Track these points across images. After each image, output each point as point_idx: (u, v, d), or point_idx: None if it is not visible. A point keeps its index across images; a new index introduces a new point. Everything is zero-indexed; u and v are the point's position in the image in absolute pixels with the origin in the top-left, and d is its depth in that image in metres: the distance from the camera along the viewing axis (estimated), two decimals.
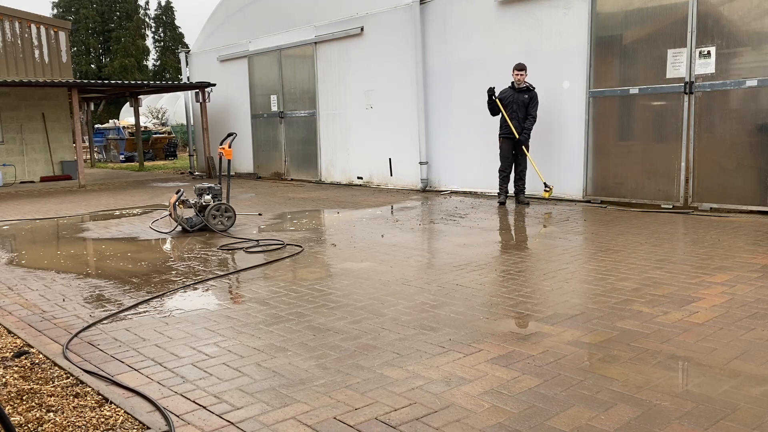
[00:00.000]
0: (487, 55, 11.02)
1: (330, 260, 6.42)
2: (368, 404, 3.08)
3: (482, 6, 11.00)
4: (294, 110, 15.27)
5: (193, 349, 3.93)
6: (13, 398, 3.22)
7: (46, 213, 10.90)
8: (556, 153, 10.21)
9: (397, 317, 4.43)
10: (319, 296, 5.05)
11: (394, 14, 12.50)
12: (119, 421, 2.96)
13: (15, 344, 4.10)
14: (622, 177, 9.53)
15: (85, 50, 53.93)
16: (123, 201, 12.38)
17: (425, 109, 12.12)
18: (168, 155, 26.45)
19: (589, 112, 9.77)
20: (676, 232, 7.40)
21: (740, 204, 8.37)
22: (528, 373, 3.38)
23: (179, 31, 57.32)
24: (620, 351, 3.67)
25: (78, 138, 16.15)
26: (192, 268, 6.27)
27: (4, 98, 16.85)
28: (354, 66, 13.49)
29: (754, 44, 8.18)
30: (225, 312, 4.73)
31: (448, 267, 5.91)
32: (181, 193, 8.31)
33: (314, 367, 3.58)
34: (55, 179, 17.60)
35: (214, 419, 2.99)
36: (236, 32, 16.67)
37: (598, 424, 2.80)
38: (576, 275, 5.47)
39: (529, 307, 4.57)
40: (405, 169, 12.70)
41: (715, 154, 8.60)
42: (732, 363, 3.44)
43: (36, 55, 17.64)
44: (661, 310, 4.41)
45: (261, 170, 16.49)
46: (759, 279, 5.13)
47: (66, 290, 5.54)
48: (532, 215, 8.85)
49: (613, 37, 9.48)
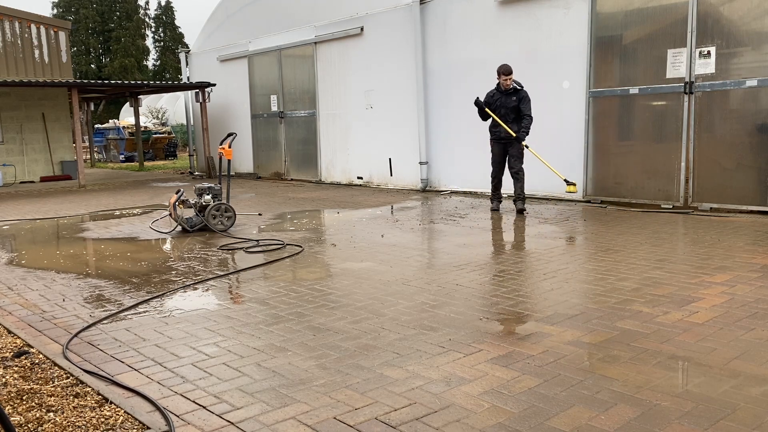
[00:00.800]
0: (487, 55, 11.02)
1: (330, 260, 6.42)
2: (368, 404, 3.08)
3: (482, 6, 11.00)
4: (294, 110, 15.27)
5: (193, 349, 3.93)
6: (13, 398, 3.22)
7: (46, 213, 10.90)
8: (556, 153, 10.19)
9: (397, 317, 4.43)
10: (319, 296, 5.05)
11: (394, 14, 12.50)
12: (119, 421, 2.96)
13: (15, 344, 4.10)
14: (622, 177, 9.53)
15: (85, 50, 53.93)
16: (123, 201, 12.38)
17: (425, 109, 12.12)
18: (168, 155, 26.45)
19: (589, 112, 9.77)
20: (676, 232, 7.40)
21: (740, 204, 8.38)
22: (528, 373, 3.38)
23: (179, 31, 57.33)
24: (620, 351, 3.67)
25: (78, 138, 16.15)
26: (192, 268, 6.27)
27: (4, 98, 16.85)
28: (354, 66, 13.49)
29: (754, 44, 8.18)
30: (225, 312, 4.73)
31: (448, 267, 5.91)
32: (181, 193, 8.31)
33: (314, 367, 3.57)
34: (55, 179, 17.59)
35: (214, 419, 2.99)
36: (236, 32, 16.67)
37: (598, 424, 2.80)
38: (576, 275, 5.47)
39: (529, 307, 4.57)
40: (405, 169, 12.70)
41: (715, 154, 8.61)
42: (732, 363, 3.44)
43: (36, 55, 17.64)
44: (661, 310, 4.41)
45: (261, 170, 16.49)
46: (759, 279, 5.13)
47: (66, 290, 5.54)
48: (532, 215, 8.84)
49: (613, 37, 9.48)
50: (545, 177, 10.02)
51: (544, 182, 10.38)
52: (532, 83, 10.45)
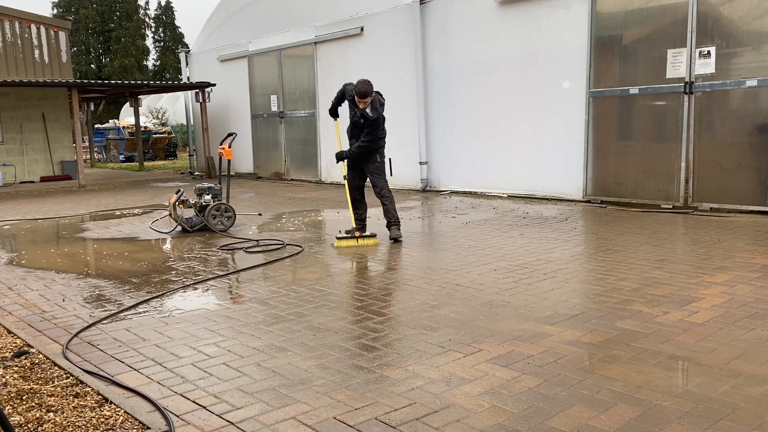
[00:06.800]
0: (487, 55, 11.02)
1: (330, 260, 6.41)
2: (368, 404, 3.08)
3: (482, 6, 11.00)
4: (294, 110, 15.26)
5: (193, 349, 3.93)
6: (13, 398, 3.22)
7: (46, 213, 10.90)
8: (556, 153, 10.21)
9: (397, 317, 4.43)
10: (319, 296, 5.05)
11: (394, 14, 12.49)
12: (119, 421, 2.96)
13: (15, 344, 4.10)
14: (622, 177, 9.53)
15: (85, 50, 53.92)
16: (123, 201, 12.38)
17: (425, 109, 12.12)
18: (168, 155, 26.44)
19: (589, 112, 9.76)
20: (676, 232, 7.40)
21: (740, 204, 8.37)
22: (528, 373, 3.38)
23: (179, 31, 57.30)
24: (620, 351, 3.66)
25: (78, 138, 16.14)
26: (192, 268, 6.27)
27: (4, 98, 16.84)
28: (354, 66, 13.47)
29: (754, 44, 8.18)
30: (225, 312, 4.73)
31: (448, 267, 5.91)
32: (181, 193, 8.31)
33: (314, 367, 3.57)
34: (55, 179, 17.59)
35: (214, 419, 2.99)
36: (236, 32, 16.67)
37: (598, 424, 2.80)
38: (576, 275, 5.47)
39: (529, 307, 4.57)
40: (405, 169, 12.69)
41: (715, 154, 8.60)
42: (732, 363, 3.44)
43: (36, 55, 17.64)
44: (661, 310, 4.41)
45: (261, 170, 16.48)
46: (759, 279, 5.13)
47: (66, 290, 5.54)
48: (532, 215, 8.84)
49: (613, 37, 9.48)
50: (545, 177, 10.04)
51: (544, 182, 10.39)
52: (532, 83, 10.47)
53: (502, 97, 10.89)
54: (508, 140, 10.89)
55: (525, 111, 10.58)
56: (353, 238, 7.07)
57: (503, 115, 10.91)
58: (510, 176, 10.89)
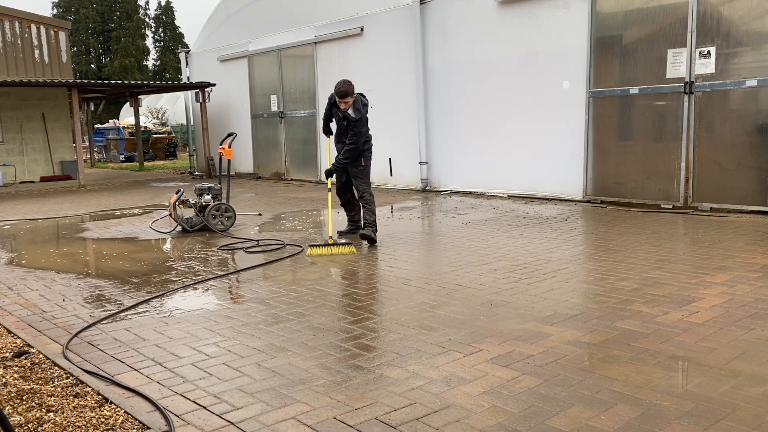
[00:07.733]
0: (487, 55, 11.02)
1: (330, 260, 6.41)
2: (368, 404, 3.08)
3: (482, 6, 11.00)
4: (294, 110, 15.26)
5: (193, 349, 3.93)
6: (13, 398, 3.22)
7: (46, 213, 10.90)
8: (556, 153, 10.21)
9: (397, 317, 4.43)
10: (319, 296, 5.05)
11: (394, 14, 12.49)
12: (119, 421, 2.96)
13: (15, 344, 4.10)
14: (622, 177, 9.53)
15: (85, 50, 53.92)
16: (123, 201, 12.38)
17: (425, 109, 12.12)
18: (168, 155, 26.44)
19: (589, 112, 9.77)
20: (676, 232, 7.40)
21: (740, 204, 8.37)
22: (528, 373, 3.38)
23: (179, 31, 57.30)
24: (620, 351, 3.66)
25: (78, 138, 16.14)
26: (192, 268, 6.27)
27: (4, 98, 16.84)
28: (354, 66, 13.47)
29: (754, 44, 8.18)
30: (225, 312, 4.73)
31: (448, 266, 5.91)
32: (181, 193, 8.31)
33: (314, 367, 3.57)
34: (55, 179, 17.59)
35: (214, 419, 2.99)
36: (236, 32, 16.67)
37: (598, 424, 2.80)
38: (576, 275, 5.47)
39: (529, 307, 4.57)
40: (405, 169, 12.70)
41: (715, 154, 8.60)
42: (732, 363, 3.44)
43: (36, 55, 17.63)
44: (661, 310, 4.41)
45: (261, 170, 16.49)
46: (759, 279, 5.13)
47: (66, 290, 5.54)
48: (532, 215, 8.84)
49: (613, 37, 9.48)
50: (545, 177, 10.04)
51: (544, 182, 10.39)
52: (532, 83, 10.47)
53: (502, 97, 10.89)
54: (508, 140, 10.89)
55: (525, 111, 10.58)
56: (327, 245, 6.75)
57: (503, 115, 10.91)
58: (510, 176, 10.89)
